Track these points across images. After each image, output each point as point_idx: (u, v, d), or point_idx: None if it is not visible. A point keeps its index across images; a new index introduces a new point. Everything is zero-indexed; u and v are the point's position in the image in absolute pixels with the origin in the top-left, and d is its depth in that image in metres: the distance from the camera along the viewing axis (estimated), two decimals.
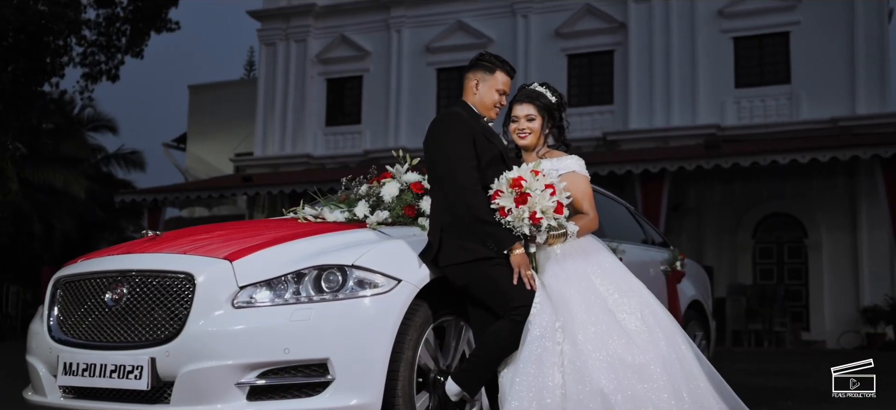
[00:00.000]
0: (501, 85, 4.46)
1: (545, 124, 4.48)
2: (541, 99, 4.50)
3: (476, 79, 4.42)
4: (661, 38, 21.01)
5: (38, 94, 25.07)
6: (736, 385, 4.24)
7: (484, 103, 4.41)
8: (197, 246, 4.08)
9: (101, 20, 25.55)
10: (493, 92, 4.42)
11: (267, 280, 3.84)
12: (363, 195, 4.76)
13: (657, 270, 6.69)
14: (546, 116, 4.48)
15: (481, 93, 4.41)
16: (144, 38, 25.57)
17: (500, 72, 4.47)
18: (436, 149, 4.19)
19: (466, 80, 4.46)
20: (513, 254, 4.01)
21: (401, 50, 23.65)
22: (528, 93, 4.56)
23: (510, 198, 3.98)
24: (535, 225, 4.00)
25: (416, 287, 4.02)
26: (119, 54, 25.68)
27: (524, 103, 4.52)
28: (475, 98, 4.41)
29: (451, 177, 4.08)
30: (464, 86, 4.47)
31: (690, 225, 20.60)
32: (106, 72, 26.01)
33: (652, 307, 4.17)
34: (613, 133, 20.98)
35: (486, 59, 4.48)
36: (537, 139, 4.51)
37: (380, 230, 4.37)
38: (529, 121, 4.50)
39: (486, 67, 4.44)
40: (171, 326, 3.83)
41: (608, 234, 5.97)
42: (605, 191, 6.89)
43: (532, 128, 4.50)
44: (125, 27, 25.47)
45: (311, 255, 3.95)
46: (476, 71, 4.45)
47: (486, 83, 4.42)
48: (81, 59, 25.53)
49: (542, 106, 4.48)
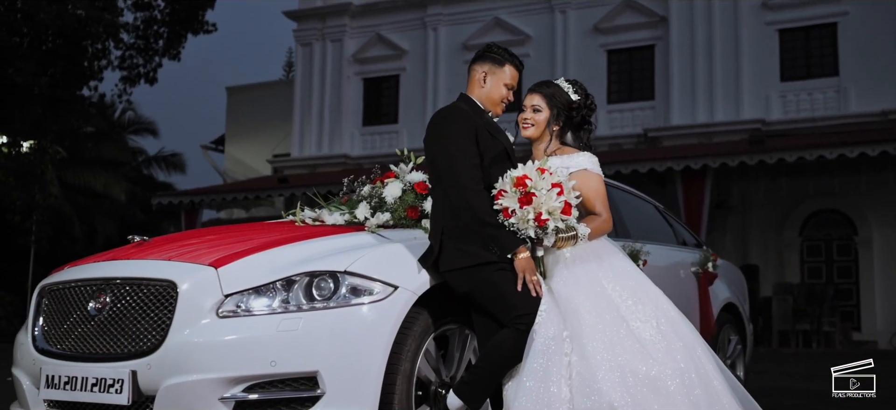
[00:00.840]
0: (509, 79, 4.19)
1: (554, 118, 4.18)
2: (552, 91, 4.20)
3: (484, 72, 4.15)
4: (703, 32, 20.53)
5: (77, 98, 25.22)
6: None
7: (491, 97, 4.14)
8: (183, 252, 3.86)
9: (138, 23, 25.67)
10: (501, 86, 4.16)
11: (254, 287, 3.60)
12: (365, 196, 4.50)
13: (687, 272, 6.35)
14: (556, 111, 4.18)
15: (489, 86, 4.14)
16: (181, 40, 25.65)
17: (509, 65, 4.20)
18: (436, 146, 3.92)
19: (472, 73, 4.19)
20: (517, 259, 3.72)
21: (437, 48, 23.42)
22: (540, 83, 4.30)
23: (514, 198, 3.69)
24: (541, 228, 3.71)
25: (414, 293, 3.75)
26: (156, 57, 25.79)
27: (533, 92, 4.26)
28: (482, 91, 4.14)
29: (451, 176, 3.81)
30: (469, 78, 4.20)
31: (735, 223, 20.11)
32: (144, 75, 26.14)
33: (669, 315, 3.86)
34: (654, 129, 20.55)
35: (495, 50, 4.22)
36: (541, 132, 4.22)
37: (379, 233, 4.11)
38: (535, 112, 4.22)
39: (495, 59, 4.18)
40: (153, 337, 3.60)
41: (633, 235, 5.67)
42: (632, 189, 6.58)
43: (536, 120, 4.21)
44: (162, 30, 25.56)
45: (302, 261, 3.70)
46: (484, 62, 4.18)
47: (495, 76, 4.15)
48: (119, 62, 25.67)
49: (553, 98, 4.18)
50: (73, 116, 25.25)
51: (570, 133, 4.25)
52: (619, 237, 5.55)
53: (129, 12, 25.54)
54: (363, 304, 3.62)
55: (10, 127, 23.31)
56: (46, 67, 23.36)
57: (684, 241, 6.97)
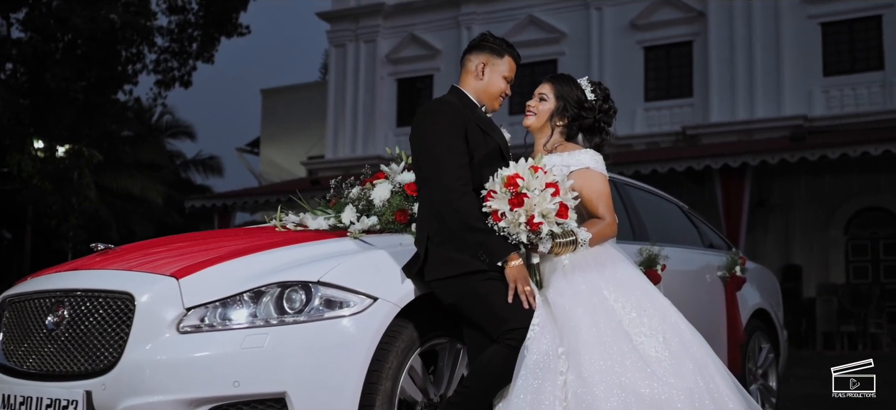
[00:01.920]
0: (508, 71, 3.84)
1: (559, 112, 3.83)
2: (564, 83, 3.86)
3: (481, 63, 3.80)
4: (743, 26, 20.04)
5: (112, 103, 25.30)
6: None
7: (488, 91, 3.79)
8: (145, 261, 3.56)
9: (173, 27, 25.69)
10: (500, 78, 3.81)
11: (220, 299, 3.28)
12: (354, 199, 4.16)
13: (714, 276, 5.95)
14: (563, 105, 3.83)
15: (487, 78, 3.79)
16: (215, 43, 25.64)
17: (509, 56, 3.85)
18: (421, 145, 3.58)
19: (466, 63, 3.84)
20: (508, 267, 3.37)
21: None
22: (554, 74, 3.98)
23: (504, 199, 3.34)
24: (533, 232, 3.35)
25: (395, 305, 3.42)
26: (191, 60, 25.81)
27: (544, 82, 3.94)
28: (478, 84, 3.79)
29: (436, 177, 3.47)
30: (462, 69, 3.85)
31: (777, 222, 19.57)
32: (178, 78, 26.17)
33: (678, 328, 3.48)
34: (693, 127, 20.13)
35: (493, 40, 3.86)
36: (542, 124, 3.87)
37: (361, 239, 3.78)
38: (540, 101, 3.89)
39: (494, 50, 3.83)
40: (110, 354, 3.30)
41: (652, 238, 5.29)
42: (653, 189, 6.20)
43: (538, 110, 3.88)
44: (196, 33, 25.56)
45: (273, 270, 3.38)
46: (481, 53, 3.83)
47: (494, 68, 3.80)
48: (154, 66, 25.72)
49: (562, 90, 3.84)
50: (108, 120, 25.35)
51: (581, 135, 3.90)
52: (637, 240, 5.20)
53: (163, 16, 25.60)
54: (338, 318, 3.29)
55: (46, 132, 23.41)
56: (81, 72, 23.45)
57: (711, 244, 6.56)
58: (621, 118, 21.03)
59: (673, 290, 5.21)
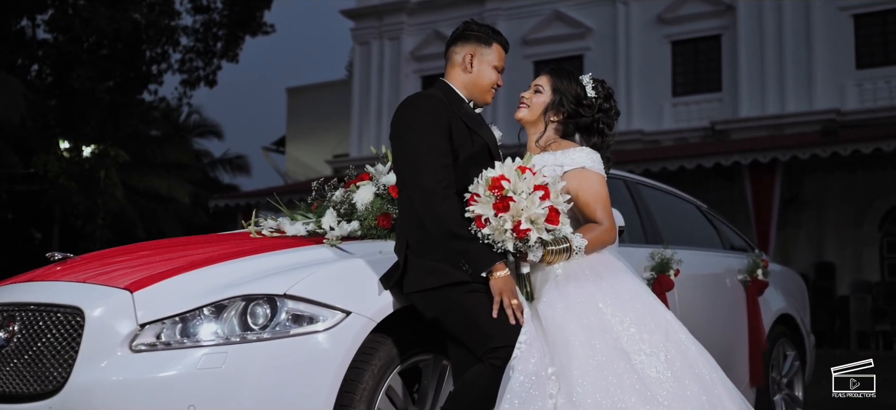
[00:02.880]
0: (498, 60, 3.52)
1: (554, 107, 3.51)
2: (563, 77, 3.55)
3: (468, 53, 3.48)
4: (773, 19, 19.57)
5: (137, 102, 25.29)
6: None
7: (479, 84, 3.47)
8: (102, 272, 3.28)
9: (198, 27, 25.63)
10: (490, 69, 3.49)
11: (178, 314, 3.00)
12: (337, 202, 3.86)
13: (734, 280, 5.60)
14: (559, 99, 3.51)
15: (476, 70, 3.47)
16: (239, 41, 25.55)
17: (497, 44, 3.54)
18: (399, 143, 3.28)
19: (452, 55, 3.53)
20: (493, 278, 3.05)
21: None
22: (553, 66, 3.67)
23: (489, 203, 3.02)
24: (520, 240, 3.03)
25: (371, 320, 3.13)
26: (215, 59, 25.74)
27: (542, 74, 3.63)
28: (466, 77, 3.47)
29: (414, 178, 3.16)
30: (448, 62, 3.55)
31: (809, 218, 19.08)
32: (203, 77, 26.12)
33: (683, 346, 3.14)
34: (722, 122, 19.70)
35: (477, 27, 3.54)
36: (535, 118, 3.56)
37: (338, 247, 3.49)
38: (535, 93, 3.58)
39: (481, 38, 3.51)
40: (58, 374, 3.03)
41: (666, 240, 4.97)
42: (668, 188, 5.86)
43: (532, 102, 3.57)
44: (221, 32, 25.48)
45: (238, 282, 3.09)
46: (468, 43, 3.51)
47: (483, 58, 3.48)
48: (179, 65, 25.68)
49: (560, 83, 3.53)
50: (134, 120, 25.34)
51: (578, 134, 3.57)
52: (649, 243, 4.87)
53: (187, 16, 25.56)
54: (306, 334, 3.00)
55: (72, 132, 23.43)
56: (106, 73, 23.45)
57: (733, 245, 6.21)
58: (649, 113, 20.69)
59: (688, 296, 4.89)
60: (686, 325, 4.78)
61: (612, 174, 5.20)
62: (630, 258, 4.65)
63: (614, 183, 5.06)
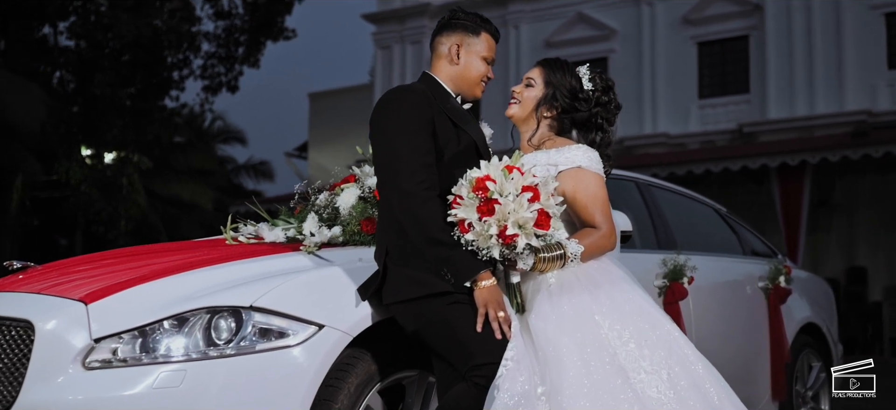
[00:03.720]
0: (487, 50, 3.26)
1: (547, 101, 3.25)
2: (557, 69, 3.28)
3: (454, 44, 3.21)
4: (802, 19, 19.18)
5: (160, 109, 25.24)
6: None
7: (467, 76, 3.21)
8: (59, 282, 3.04)
9: (220, 32, 25.55)
10: (479, 60, 3.22)
11: (136, 328, 2.76)
12: (321, 206, 3.60)
13: (754, 288, 5.29)
14: (552, 92, 3.25)
15: (464, 62, 3.20)
16: (260, 47, 25.43)
17: (486, 33, 3.27)
18: (378, 142, 3.02)
19: (437, 46, 3.26)
20: (478, 288, 2.78)
21: (519, 46, 22.51)
22: (547, 58, 3.40)
23: (472, 206, 2.75)
24: (507, 246, 2.75)
25: (346, 334, 2.87)
26: (237, 65, 25.64)
27: (534, 66, 3.39)
28: (453, 70, 3.21)
29: (393, 179, 2.90)
30: (433, 54, 3.28)
31: (840, 222, 18.65)
32: (225, 83, 26.02)
33: (687, 362, 2.84)
34: (750, 124, 19.35)
35: (465, 16, 3.27)
36: (527, 114, 3.30)
37: (316, 254, 3.23)
38: (527, 87, 3.32)
39: (468, 27, 3.24)
40: (7, 393, 2.79)
41: (681, 245, 4.67)
42: (684, 190, 5.56)
43: (523, 97, 3.31)
44: (242, 37, 25.39)
45: (203, 293, 2.84)
46: (453, 33, 3.24)
47: (470, 48, 3.21)
48: (201, 71, 25.61)
49: (552, 77, 3.27)
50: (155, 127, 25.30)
51: (576, 131, 3.30)
52: (662, 248, 4.58)
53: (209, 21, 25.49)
54: (273, 350, 2.75)
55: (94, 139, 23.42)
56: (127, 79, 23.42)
57: (754, 251, 5.89)
58: (674, 116, 20.33)
59: (704, 305, 4.61)
60: (701, 336, 4.51)
61: (623, 175, 4.93)
62: (641, 264, 4.38)
63: (625, 185, 4.78)
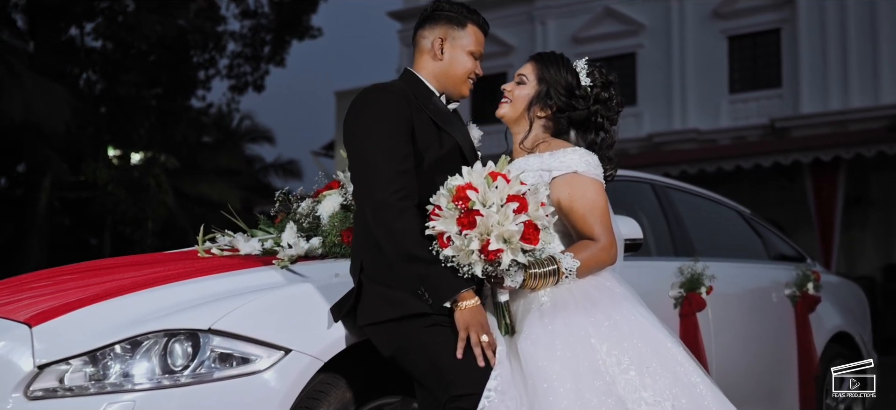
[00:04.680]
0: (474, 44, 2.95)
1: (540, 99, 2.94)
2: (550, 65, 2.98)
3: (437, 38, 2.91)
4: (835, 10, 18.80)
5: (186, 109, 25.24)
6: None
7: (451, 73, 2.91)
8: (10, 300, 2.77)
9: (245, 31, 25.49)
10: (465, 55, 2.92)
11: (86, 353, 2.50)
12: (303, 214, 3.33)
13: (780, 296, 4.96)
14: (546, 89, 2.94)
15: (448, 58, 2.91)
16: (286, 46, 25.35)
17: (473, 25, 2.96)
18: (351, 146, 2.74)
19: (420, 40, 2.97)
20: (458, 309, 2.50)
21: (546, 42, 22.22)
22: (540, 52, 3.08)
23: (452, 218, 2.46)
24: (491, 262, 2.46)
25: (316, 359, 2.59)
26: (263, 64, 25.59)
27: (527, 62, 3.07)
28: (437, 66, 2.92)
29: (366, 188, 2.62)
30: (415, 49, 2.99)
31: (876, 219, 18.20)
32: (251, 83, 25.98)
33: (695, 392, 2.52)
34: (782, 119, 18.97)
35: (450, 7, 2.95)
36: (518, 114, 2.99)
37: (289, 268, 2.96)
38: (518, 85, 3.01)
39: (453, 19, 2.93)
40: None
41: (700, 251, 4.37)
42: (704, 192, 5.24)
43: (514, 95, 3.00)
44: (268, 37, 25.32)
45: (158, 314, 2.58)
46: (436, 25, 2.93)
47: (455, 42, 2.91)
48: (227, 71, 25.59)
49: (546, 73, 2.96)
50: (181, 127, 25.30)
51: (574, 132, 2.98)
52: (679, 255, 4.28)
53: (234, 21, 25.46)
54: (233, 377, 2.48)
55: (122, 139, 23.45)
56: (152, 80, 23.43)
57: (782, 255, 5.55)
58: (705, 111, 19.94)
59: (724, 316, 4.30)
60: (721, 349, 4.21)
61: (638, 177, 4.63)
62: (655, 273, 4.09)
63: (640, 187, 4.49)
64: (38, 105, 18.67)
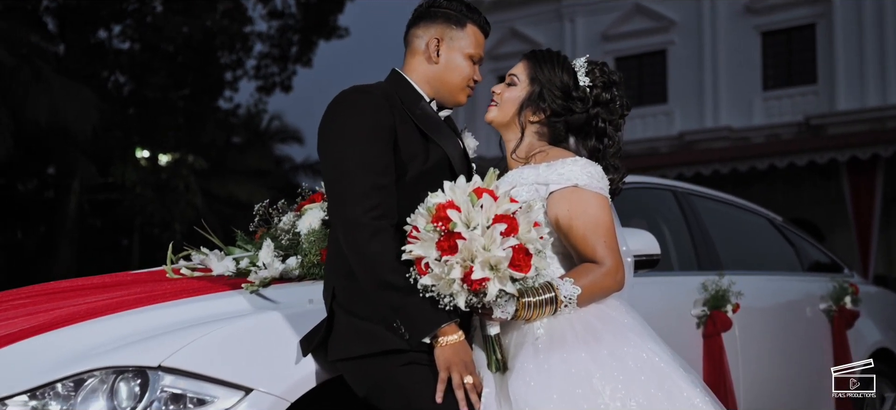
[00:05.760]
0: (473, 46, 2.62)
1: (532, 102, 2.62)
2: (543, 64, 2.66)
3: (433, 38, 2.59)
4: (872, 4, 18.54)
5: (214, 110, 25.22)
6: None
7: (447, 79, 2.59)
8: None
9: (273, 32, 25.40)
10: (463, 59, 2.59)
11: (25, 392, 2.23)
12: (284, 230, 3.04)
13: (815, 310, 4.61)
14: (539, 91, 2.62)
15: (444, 60, 2.58)
16: (313, 46, 25.25)
17: (473, 25, 2.63)
18: (323, 156, 2.43)
19: (413, 40, 2.63)
20: (439, 346, 2.19)
21: (575, 40, 21.87)
22: (535, 50, 2.75)
23: (431, 242, 2.15)
24: (475, 293, 2.14)
25: (281, 399, 2.29)
26: (290, 64, 25.52)
27: (519, 61, 2.75)
28: (431, 69, 2.59)
29: (339, 205, 2.31)
30: (407, 48, 2.65)
31: None
32: (279, 83, 25.92)
33: None
34: (817, 116, 18.59)
35: (448, 4, 2.62)
36: (508, 119, 2.68)
37: (259, 293, 2.66)
38: (509, 86, 2.69)
39: (451, 18, 2.60)
40: None
41: (726, 264, 4.03)
42: (734, 199, 4.89)
43: (503, 98, 2.69)
44: (295, 37, 25.24)
45: (105, 348, 2.29)
46: (431, 24, 2.59)
47: (453, 44, 2.58)
48: (255, 72, 25.55)
49: (539, 73, 2.64)
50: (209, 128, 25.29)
51: (573, 138, 2.65)
52: (702, 269, 3.94)
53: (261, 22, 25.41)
54: None
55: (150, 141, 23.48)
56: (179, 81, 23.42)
57: (818, 264, 5.19)
58: (737, 109, 19.52)
59: (753, 334, 3.97)
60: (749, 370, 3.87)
61: (659, 184, 4.30)
62: (677, 289, 3.77)
63: (661, 194, 4.16)
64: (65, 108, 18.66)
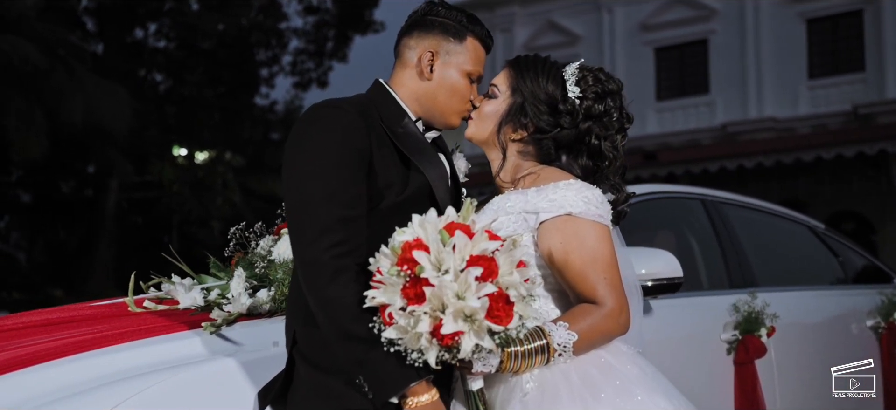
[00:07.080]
0: (472, 63, 2.24)
1: (513, 117, 2.26)
2: (527, 72, 2.27)
3: (427, 50, 2.22)
4: None
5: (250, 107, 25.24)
6: None
7: (439, 98, 2.23)
8: None
9: (309, 28, 25.32)
10: (460, 76, 2.23)
11: None
12: (260, 256, 2.74)
13: (861, 327, 4.22)
14: (521, 105, 2.25)
15: (439, 77, 2.22)
16: (348, 41, 25.16)
17: (473, 38, 2.25)
18: (287, 180, 2.09)
19: (404, 50, 2.26)
20: (408, 407, 1.88)
21: (613, 31, 21.50)
22: (516, 57, 2.36)
23: (396, 288, 1.81)
24: (447, 348, 1.79)
25: None
26: (326, 60, 25.45)
27: (503, 69, 2.35)
28: (424, 86, 2.23)
29: (299, 239, 2.00)
30: (397, 60, 2.29)
31: None
32: (315, 79, 25.85)
33: None
34: (866, 105, 18.11)
35: (446, 12, 2.25)
36: (487, 136, 2.30)
37: (219, 333, 2.37)
38: (488, 98, 2.31)
39: (449, 29, 2.23)
40: None
41: (761, 280, 3.68)
42: (770, 206, 4.50)
43: (481, 112, 2.29)
44: (331, 32, 25.16)
45: (57, 396, 2.02)
46: (426, 34, 2.23)
47: (450, 59, 2.22)
48: (291, 67, 25.52)
49: (521, 82, 2.26)
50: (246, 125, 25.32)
51: (565, 157, 2.27)
52: (734, 287, 3.59)
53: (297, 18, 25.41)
54: None
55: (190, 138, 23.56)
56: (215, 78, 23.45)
57: (863, 274, 4.80)
58: (782, 98, 19.02)
59: (792, 358, 3.63)
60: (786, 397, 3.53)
61: (686, 192, 3.95)
62: (706, 310, 3.42)
63: (688, 203, 3.81)
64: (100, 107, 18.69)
